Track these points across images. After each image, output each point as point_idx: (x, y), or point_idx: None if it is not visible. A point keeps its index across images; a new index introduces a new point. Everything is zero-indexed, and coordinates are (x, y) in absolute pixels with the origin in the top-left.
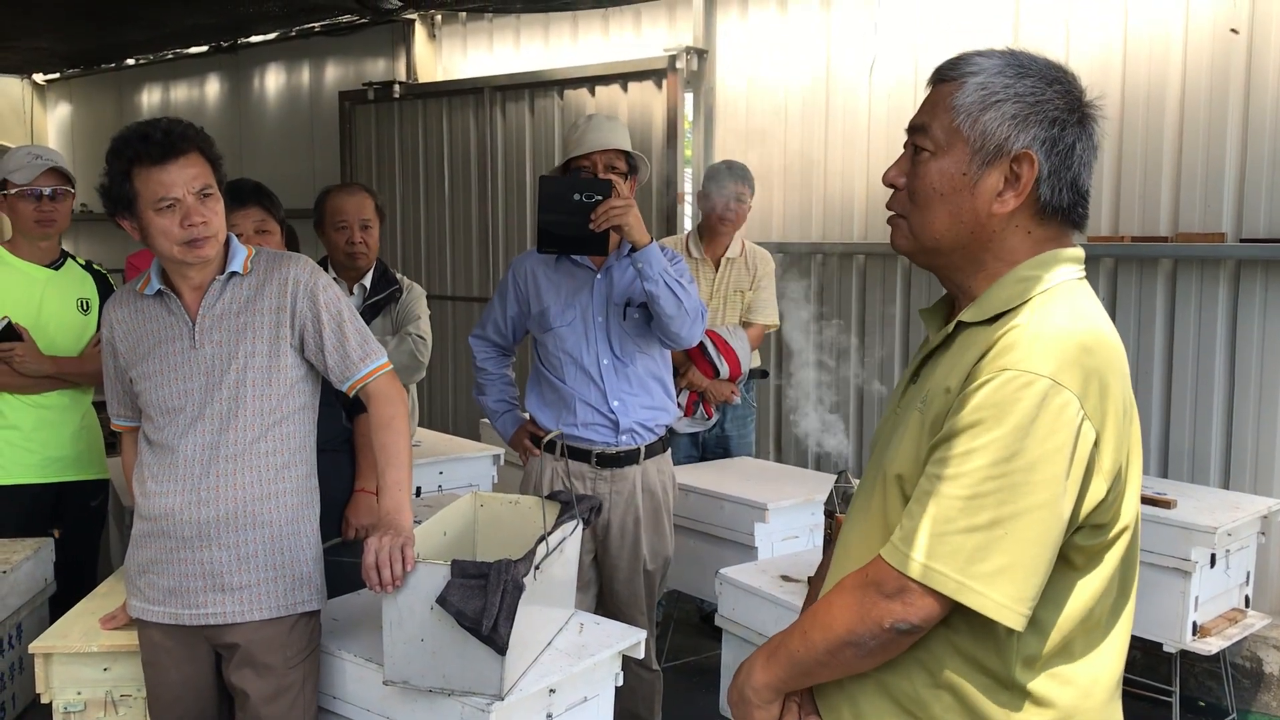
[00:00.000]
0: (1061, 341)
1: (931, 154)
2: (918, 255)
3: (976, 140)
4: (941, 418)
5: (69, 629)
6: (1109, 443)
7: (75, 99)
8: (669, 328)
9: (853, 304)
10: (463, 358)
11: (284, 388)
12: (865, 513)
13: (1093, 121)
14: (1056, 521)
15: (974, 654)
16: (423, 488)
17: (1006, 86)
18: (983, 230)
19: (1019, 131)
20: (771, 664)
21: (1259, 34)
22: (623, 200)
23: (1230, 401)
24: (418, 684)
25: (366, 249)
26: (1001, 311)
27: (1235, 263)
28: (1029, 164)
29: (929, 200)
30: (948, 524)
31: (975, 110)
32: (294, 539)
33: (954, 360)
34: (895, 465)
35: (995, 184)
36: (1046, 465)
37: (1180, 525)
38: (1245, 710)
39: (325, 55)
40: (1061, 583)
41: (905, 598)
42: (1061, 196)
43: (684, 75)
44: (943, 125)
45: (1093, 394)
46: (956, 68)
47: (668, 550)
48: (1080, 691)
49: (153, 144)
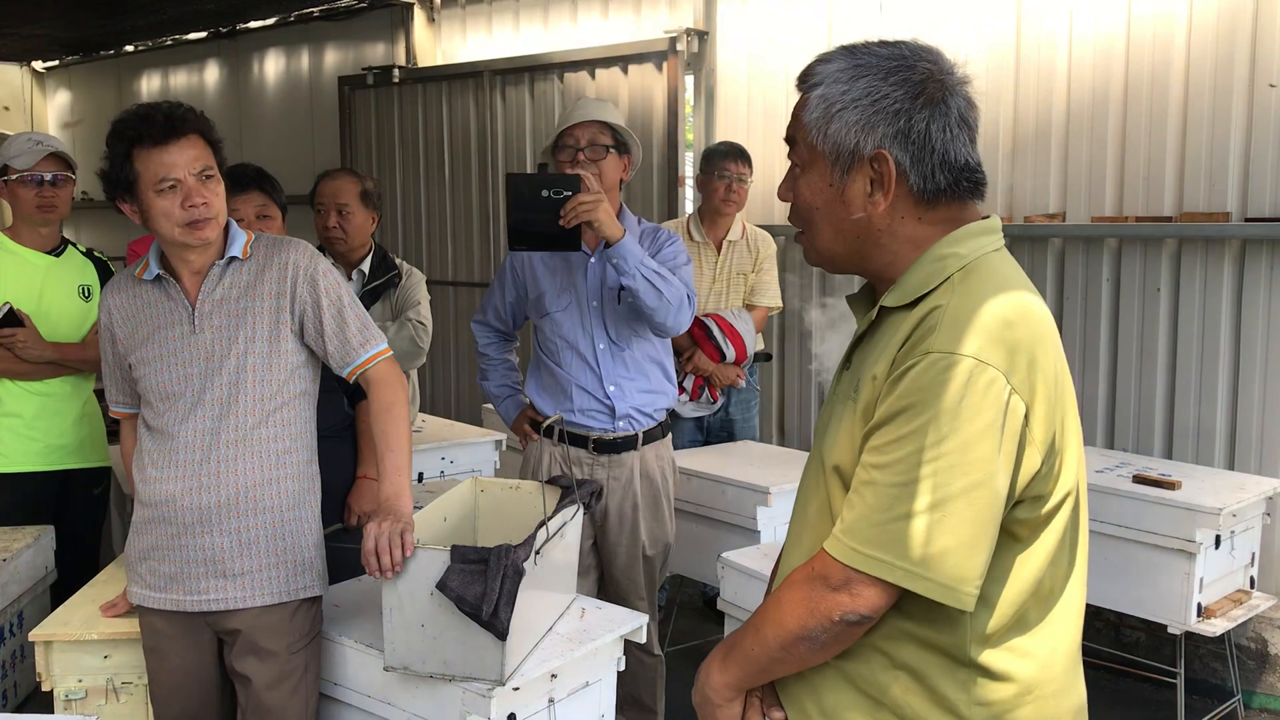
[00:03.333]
0: (983, 318)
1: (802, 170)
2: (826, 265)
3: (830, 152)
4: (871, 405)
5: (70, 617)
6: (1039, 414)
7: (75, 86)
8: (653, 319)
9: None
10: (464, 343)
11: (284, 373)
12: (811, 503)
13: (948, 93)
14: (994, 499)
15: (928, 636)
16: (425, 473)
17: (844, 93)
18: (868, 231)
19: (865, 135)
20: (728, 664)
21: (1265, 12)
22: (592, 195)
23: (1235, 382)
24: (418, 670)
25: (343, 233)
26: (922, 294)
27: (1240, 243)
28: (885, 162)
29: (810, 215)
30: (886, 512)
31: (822, 123)
32: (295, 525)
33: (879, 346)
34: (832, 455)
35: (862, 187)
36: (978, 444)
37: (1185, 506)
38: (1250, 691)
39: (324, 40)
40: (1007, 557)
41: (852, 589)
42: (936, 179)
43: (685, 57)
44: (803, 140)
45: (1020, 367)
46: (805, 80)
47: (668, 536)
48: (1039, 663)
49: (154, 125)
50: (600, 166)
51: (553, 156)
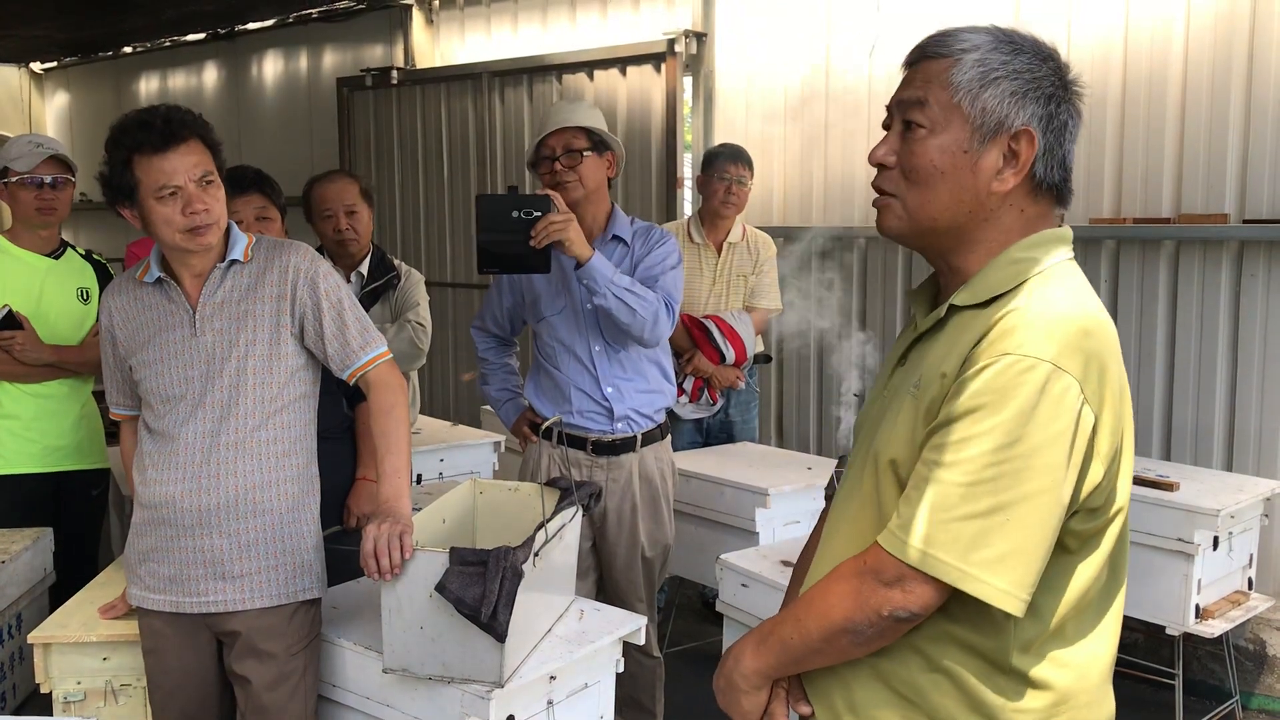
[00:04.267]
0: (1062, 325)
1: (929, 131)
2: (910, 237)
3: (977, 117)
4: (938, 403)
5: (68, 619)
6: (1106, 426)
7: (73, 88)
8: (629, 334)
9: (853, 287)
10: (463, 345)
11: (284, 376)
12: (855, 498)
13: (1079, 99)
14: (1057, 507)
15: (970, 640)
16: (423, 475)
17: (1004, 63)
18: (981, 209)
19: (1018, 109)
20: (763, 650)
21: (1262, 13)
22: (562, 216)
23: (1233, 383)
24: (417, 672)
25: (355, 234)
26: (996, 295)
27: (1238, 244)
28: (1028, 141)
29: (929, 178)
30: (947, 511)
31: (975, 86)
32: (295, 527)
33: (948, 344)
34: (888, 450)
35: (995, 162)
36: (1048, 451)
37: (1183, 507)
38: (1248, 693)
39: (323, 42)
40: (1055, 567)
41: (904, 585)
42: (1053, 173)
43: (683, 59)
44: (940, 101)
45: (1092, 378)
46: (946, 44)
47: (667, 538)
48: (1076, 673)
49: (153, 131)
50: (579, 172)
51: (534, 169)
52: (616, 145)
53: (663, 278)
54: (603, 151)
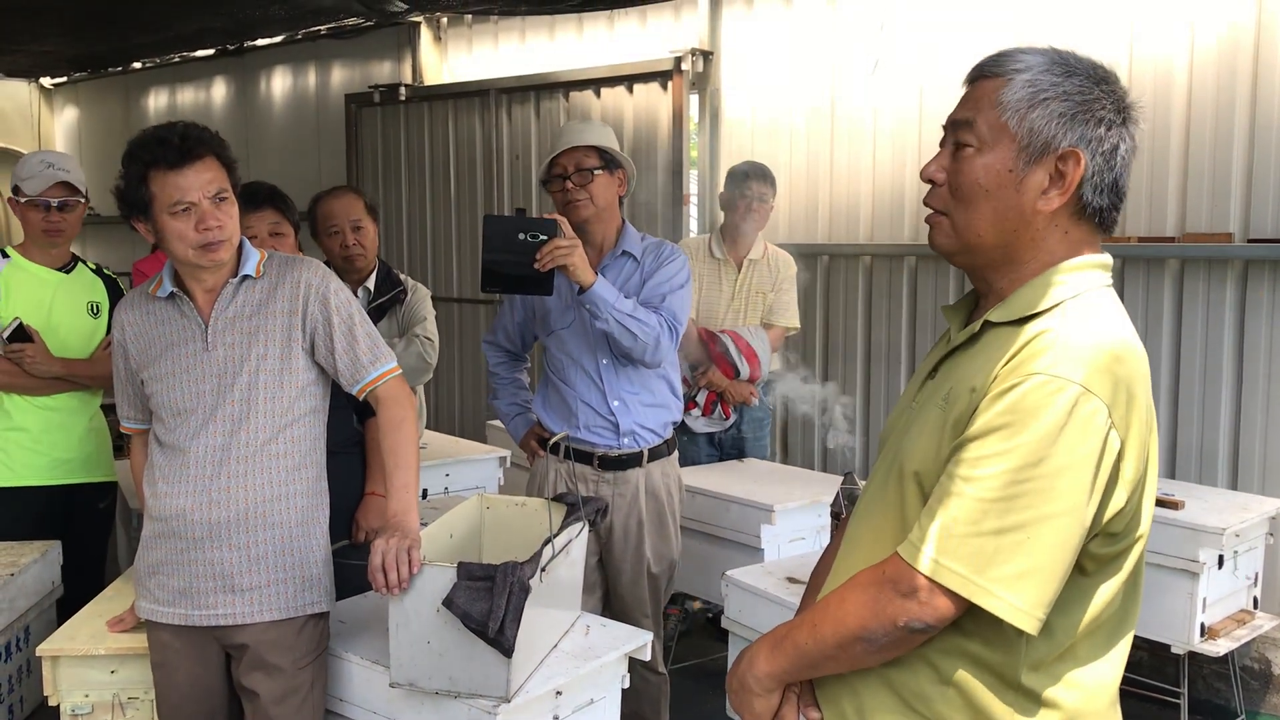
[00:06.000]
0: (1093, 349)
1: (976, 150)
2: (958, 254)
3: (1024, 137)
4: (965, 417)
5: (76, 632)
6: (1132, 452)
7: (82, 103)
8: (631, 357)
9: (858, 305)
10: (469, 360)
11: (295, 390)
12: (877, 508)
13: (1135, 125)
14: (1079, 528)
15: (982, 655)
16: (429, 490)
17: (1055, 84)
18: (1026, 229)
19: (1066, 130)
20: (777, 654)
21: (1266, 33)
22: (567, 241)
23: (1238, 402)
24: (424, 686)
25: (363, 249)
26: (1029, 314)
27: (1243, 263)
28: (1075, 162)
29: (974, 196)
30: (969, 525)
31: (1023, 107)
32: (304, 540)
33: (980, 360)
34: (913, 461)
35: (1041, 182)
36: (1073, 472)
37: (1188, 526)
38: (1254, 711)
39: (331, 58)
40: (1072, 588)
41: (921, 597)
42: (1102, 198)
43: (689, 76)
44: (988, 121)
45: (1120, 403)
46: (1001, 64)
47: (673, 553)
48: (1086, 694)
49: (169, 148)
50: (590, 190)
51: (546, 187)
52: (627, 163)
53: (670, 296)
54: (614, 170)
